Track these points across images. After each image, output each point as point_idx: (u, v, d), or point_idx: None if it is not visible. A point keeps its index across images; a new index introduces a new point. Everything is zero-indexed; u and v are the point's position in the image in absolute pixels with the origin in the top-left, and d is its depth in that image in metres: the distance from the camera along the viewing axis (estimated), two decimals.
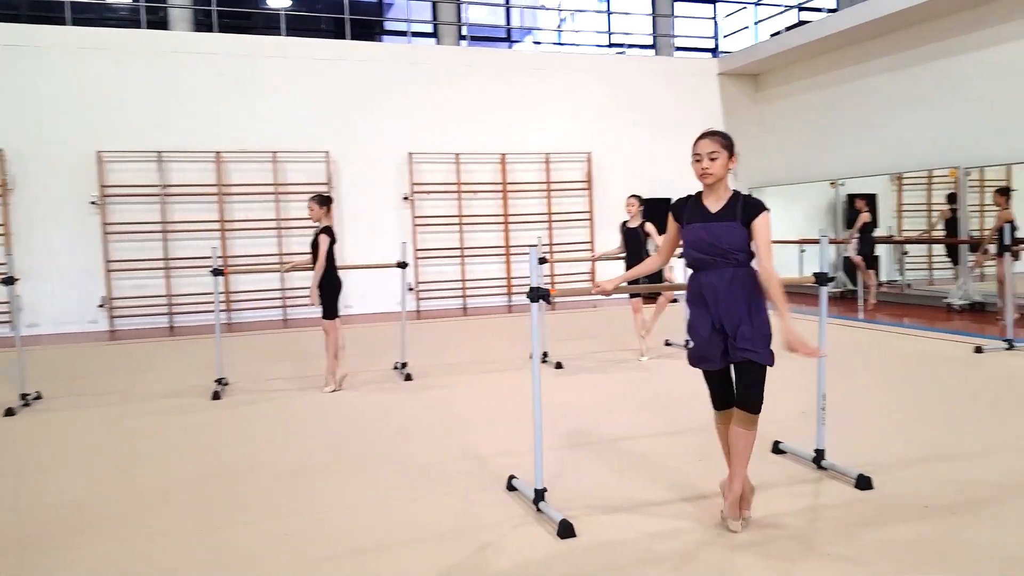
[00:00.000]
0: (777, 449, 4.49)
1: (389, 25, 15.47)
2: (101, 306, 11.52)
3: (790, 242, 13.50)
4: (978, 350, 7.35)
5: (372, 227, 12.78)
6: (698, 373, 3.46)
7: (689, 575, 3.00)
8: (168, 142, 11.79)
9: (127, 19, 13.06)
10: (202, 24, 13.35)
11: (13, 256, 8.26)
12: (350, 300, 12.69)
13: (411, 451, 4.82)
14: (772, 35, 14.62)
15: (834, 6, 16.57)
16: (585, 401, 5.98)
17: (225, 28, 12.99)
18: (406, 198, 13.07)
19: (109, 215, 11.53)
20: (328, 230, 6.49)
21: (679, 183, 14.02)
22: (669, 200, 13.15)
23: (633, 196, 7.64)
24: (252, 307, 12.28)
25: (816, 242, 4.30)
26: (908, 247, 12.79)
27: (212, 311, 11.97)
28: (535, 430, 3.64)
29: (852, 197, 12.91)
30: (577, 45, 15.40)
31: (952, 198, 11.40)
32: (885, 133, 12.48)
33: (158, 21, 13.17)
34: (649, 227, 7.45)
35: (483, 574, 3.07)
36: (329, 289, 6.55)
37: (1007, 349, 7.33)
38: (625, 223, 7.69)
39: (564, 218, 14.01)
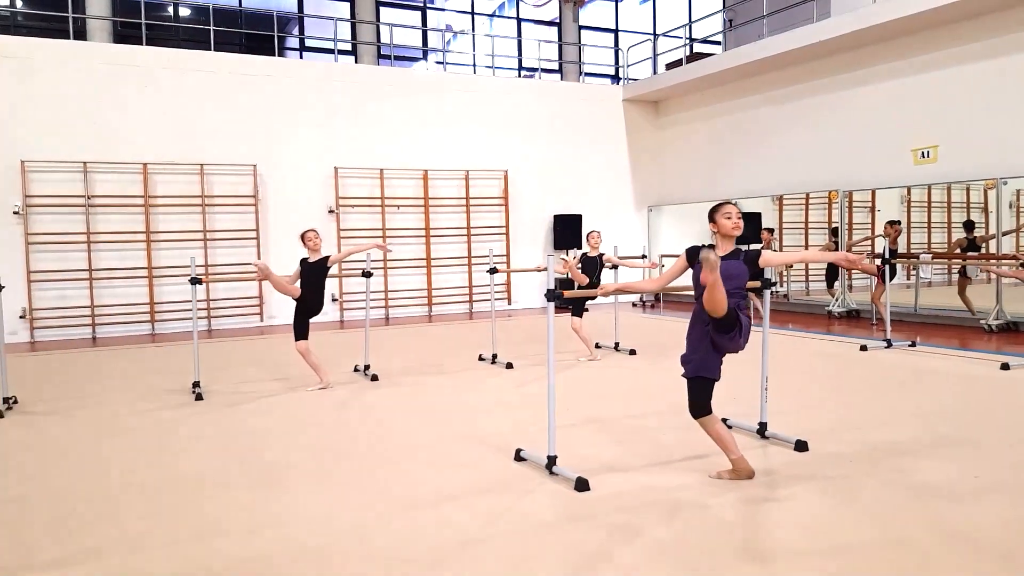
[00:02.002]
0: (724, 424, 5.39)
1: (294, 42, 15.86)
2: (22, 317, 11.31)
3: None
4: (863, 348, 8.65)
5: (298, 239, 13.05)
6: (634, 370, 4.23)
7: (683, 514, 3.79)
8: (94, 153, 11.76)
9: (48, 29, 12.86)
10: (126, 36, 13.37)
11: None
12: (274, 311, 13.00)
13: (411, 436, 5.43)
14: (668, 65, 16.00)
15: (721, 40, 18.24)
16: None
17: (147, 40, 13.01)
18: (332, 211, 13.47)
19: (32, 225, 11.38)
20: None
21: (587, 201, 15.23)
22: (580, 216, 14.30)
23: (595, 231, 8.56)
24: (177, 318, 12.32)
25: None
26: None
27: (134, 321, 12.07)
28: (548, 403, 4.37)
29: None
30: (490, 68, 16.25)
31: (835, 232, 12.83)
32: (771, 158, 13.97)
33: (76, 31, 13.05)
34: (608, 257, 8.35)
35: (519, 520, 3.75)
36: (313, 310, 7.06)
37: (887, 348, 8.65)
38: (586, 253, 8.52)
39: (482, 232, 14.77)
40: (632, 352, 8.73)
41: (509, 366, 8.05)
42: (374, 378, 7.54)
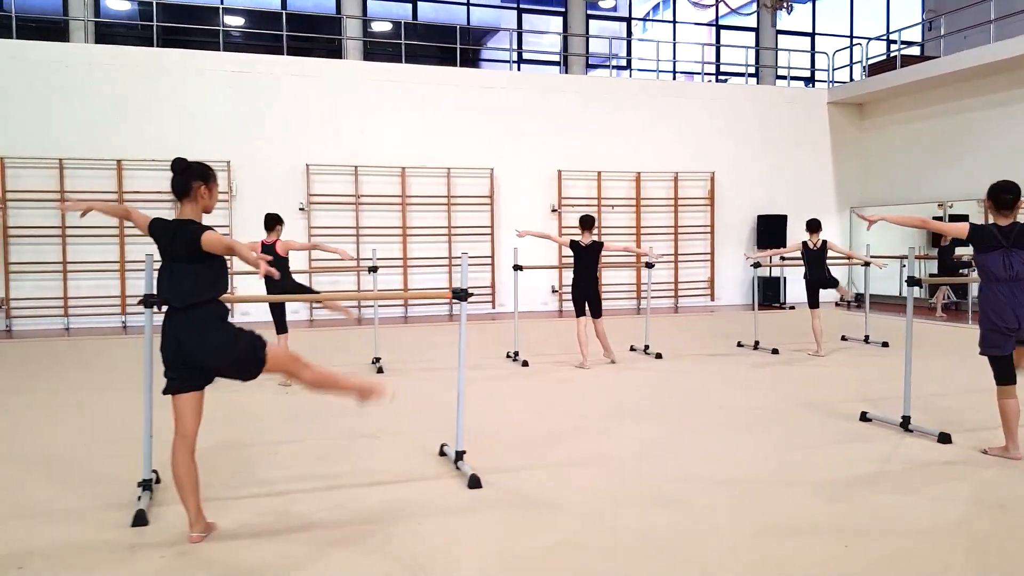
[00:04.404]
0: None
1: (490, 53, 17.23)
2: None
3: (889, 257, 15.03)
4: None
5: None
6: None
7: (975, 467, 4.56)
8: (362, 158, 13.46)
9: (311, 49, 14.82)
10: (372, 54, 15.20)
11: None
12: (503, 299, 14.33)
13: (740, 401, 6.41)
14: (870, 68, 16.25)
15: (918, 38, 18.22)
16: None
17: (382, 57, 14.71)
18: (554, 210, 14.68)
19: (313, 220, 13.20)
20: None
21: (790, 201, 15.75)
22: (784, 217, 14.74)
23: (814, 219, 9.10)
24: (426, 303, 13.90)
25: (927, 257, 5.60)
26: None
27: (391, 305, 13.67)
28: (905, 370, 5.21)
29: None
30: (687, 73, 17.09)
31: None
32: (980, 161, 14.00)
33: (333, 51, 15.02)
34: (831, 244, 8.95)
35: (909, 458, 4.62)
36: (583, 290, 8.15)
37: None
38: (805, 243, 9.05)
39: (689, 231, 15.60)
40: (885, 344, 9.37)
41: (775, 352, 8.89)
42: (658, 356, 8.57)
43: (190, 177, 3.40)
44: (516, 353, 8.37)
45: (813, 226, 9.03)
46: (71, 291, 12.22)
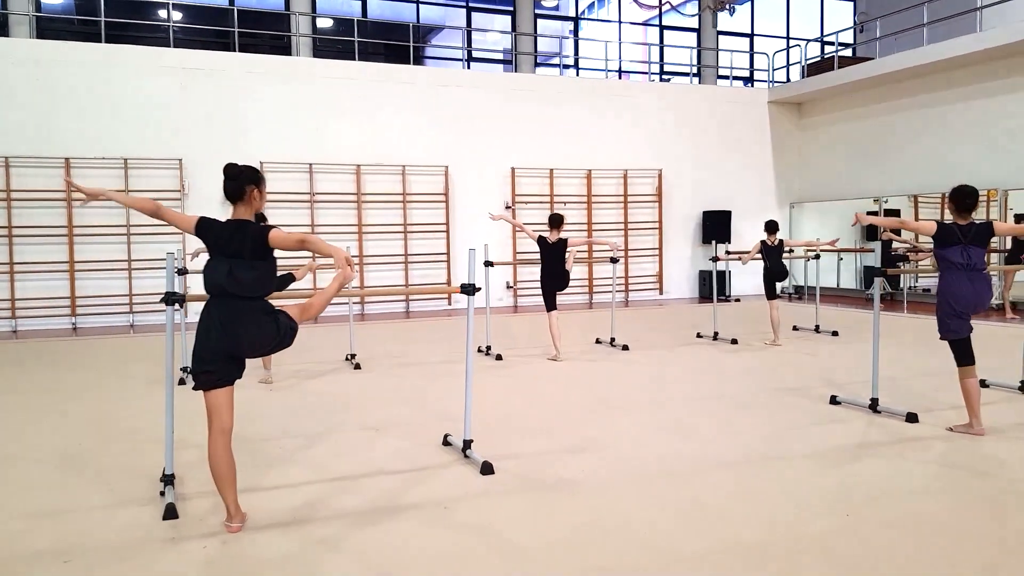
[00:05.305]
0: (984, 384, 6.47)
1: (433, 51, 17.35)
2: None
3: (830, 250, 15.73)
4: None
5: (480, 230, 14.49)
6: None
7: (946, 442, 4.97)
8: (316, 155, 13.40)
9: (261, 46, 14.67)
10: (323, 51, 15.12)
11: None
12: (460, 295, 14.43)
13: (716, 389, 6.71)
14: (808, 68, 16.94)
15: (852, 43, 19.05)
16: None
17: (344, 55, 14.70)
18: (508, 207, 14.86)
19: (268, 218, 13.04)
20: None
21: (733, 198, 16.31)
22: (728, 213, 15.42)
23: (771, 221, 9.51)
24: (379, 300, 13.93)
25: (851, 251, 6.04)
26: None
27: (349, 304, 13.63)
28: (873, 357, 5.57)
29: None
30: (630, 72, 17.47)
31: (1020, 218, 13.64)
32: (911, 159, 14.79)
33: (283, 48, 14.89)
34: (788, 242, 9.43)
35: (881, 439, 4.97)
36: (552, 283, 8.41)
37: None
38: (764, 241, 9.45)
39: (638, 227, 16.00)
40: (835, 333, 9.86)
41: (734, 341, 9.28)
42: (625, 348, 8.85)
43: (243, 182, 3.60)
44: (488, 347, 8.54)
45: (771, 227, 9.46)
46: (18, 292, 11.85)
